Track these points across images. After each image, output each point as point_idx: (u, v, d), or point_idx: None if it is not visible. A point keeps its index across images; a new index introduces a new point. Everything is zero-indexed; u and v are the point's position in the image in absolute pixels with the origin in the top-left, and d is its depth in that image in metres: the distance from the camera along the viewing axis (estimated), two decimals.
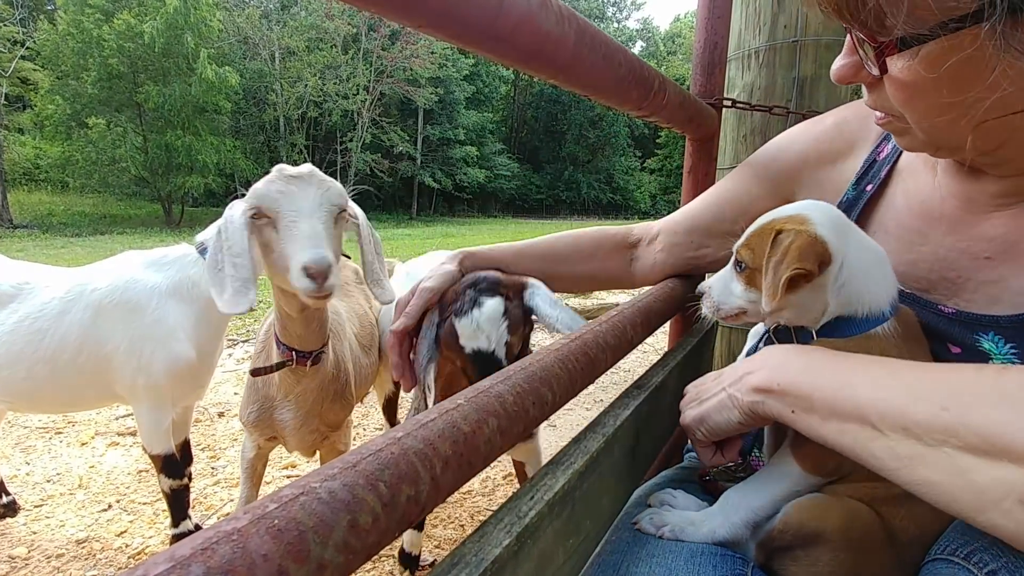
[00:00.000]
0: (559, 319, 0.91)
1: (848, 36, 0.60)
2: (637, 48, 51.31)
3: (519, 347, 0.95)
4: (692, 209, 1.06)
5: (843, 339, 0.66)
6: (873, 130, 0.84)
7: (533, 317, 0.96)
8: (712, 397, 0.68)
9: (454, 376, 1.05)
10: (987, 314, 0.66)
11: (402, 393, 2.55)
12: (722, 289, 0.76)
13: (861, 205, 0.80)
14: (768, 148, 0.98)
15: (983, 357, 0.65)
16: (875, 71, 0.57)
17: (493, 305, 0.90)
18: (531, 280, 0.98)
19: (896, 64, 0.54)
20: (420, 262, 2.27)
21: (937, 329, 0.69)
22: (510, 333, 0.92)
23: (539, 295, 0.96)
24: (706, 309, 0.77)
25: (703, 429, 0.69)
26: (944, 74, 0.51)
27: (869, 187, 0.81)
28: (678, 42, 52.06)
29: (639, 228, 1.14)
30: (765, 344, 0.79)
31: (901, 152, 0.80)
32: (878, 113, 0.66)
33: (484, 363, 0.91)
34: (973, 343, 0.66)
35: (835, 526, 0.60)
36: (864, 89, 0.66)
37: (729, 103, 1.44)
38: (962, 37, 0.48)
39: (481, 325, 0.90)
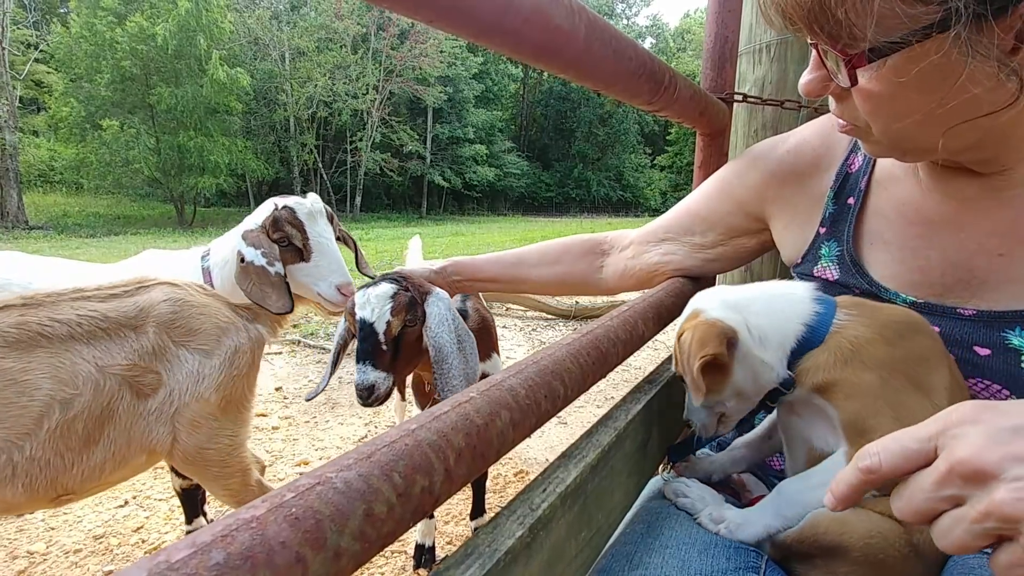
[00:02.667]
0: (437, 334, 1.07)
1: (814, 51, 0.61)
2: (647, 44, 51.08)
3: (398, 331, 1.09)
4: (664, 224, 1.10)
5: (820, 348, 0.65)
6: (839, 145, 0.85)
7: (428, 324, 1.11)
8: None
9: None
10: (1010, 309, 0.65)
11: None
12: (692, 411, 0.74)
13: (852, 218, 0.79)
14: (737, 164, 0.99)
15: (1014, 354, 0.64)
16: (845, 82, 0.58)
17: (385, 287, 1.07)
18: (438, 291, 1.13)
19: (865, 75, 0.56)
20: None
21: (960, 334, 0.67)
22: (392, 314, 1.07)
23: (438, 304, 1.11)
24: (700, 433, 0.75)
25: None
26: (911, 81, 0.53)
27: (851, 200, 0.80)
28: (688, 38, 51.75)
29: (613, 236, 1.18)
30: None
31: (875, 162, 0.80)
32: (841, 121, 0.67)
33: (366, 331, 1.06)
34: (1001, 341, 0.65)
35: (855, 543, 0.59)
36: (831, 100, 0.66)
37: (740, 97, 1.43)
38: (928, 45, 0.50)
39: (370, 299, 1.06)
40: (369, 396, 1.05)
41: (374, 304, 1.06)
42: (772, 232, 0.95)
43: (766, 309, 0.69)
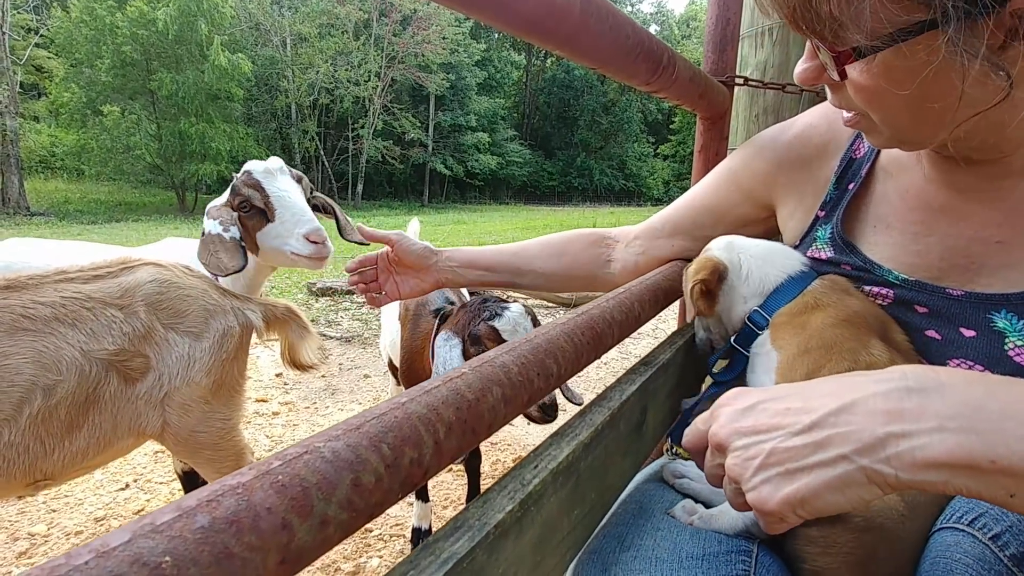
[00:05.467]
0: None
1: (808, 41, 0.61)
2: (651, 31, 50.63)
3: None
4: (672, 215, 1.09)
5: (790, 303, 0.77)
6: (845, 130, 0.85)
7: None
8: (816, 468, 0.42)
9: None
10: (997, 292, 0.65)
11: None
12: (695, 327, 0.93)
13: (845, 203, 0.80)
14: (743, 153, 0.99)
15: (998, 336, 0.64)
16: (835, 76, 0.58)
17: (517, 307, 1.17)
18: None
19: (855, 70, 0.56)
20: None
21: (947, 312, 0.68)
22: (534, 325, 1.16)
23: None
24: (698, 345, 0.92)
25: (802, 513, 0.44)
26: (902, 79, 0.52)
27: (852, 185, 0.81)
28: (693, 25, 51.29)
29: (617, 231, 1.17)
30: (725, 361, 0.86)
31: (880, 148, 0.79)
32: (846, 113, 0.67)
33: None
34: (987, 323, 0.65)
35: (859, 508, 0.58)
36: (828, 90, 0.66)
37: (741, 81, 1.42)
38: (916, 44, 0.49)
39: (518, 322, 1.16)
40: None
41: (523, 323, 1.16)
42: (777, 218, 0.95)
43: (761, 255, 0.82)
